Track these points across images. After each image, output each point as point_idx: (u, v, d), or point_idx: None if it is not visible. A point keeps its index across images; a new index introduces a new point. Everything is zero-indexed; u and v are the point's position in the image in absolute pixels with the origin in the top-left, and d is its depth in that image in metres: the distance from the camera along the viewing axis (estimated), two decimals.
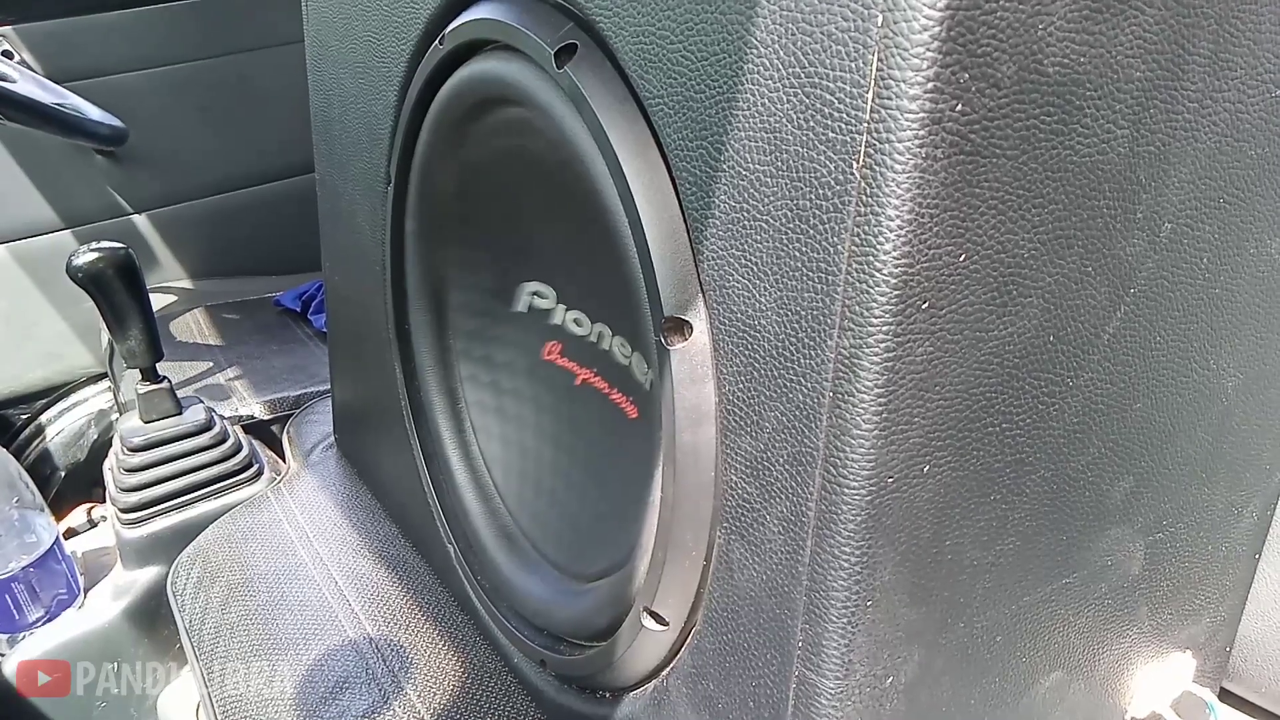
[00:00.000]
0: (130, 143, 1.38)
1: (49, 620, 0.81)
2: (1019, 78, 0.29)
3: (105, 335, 1.42)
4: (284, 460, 0.96)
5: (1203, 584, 0.49)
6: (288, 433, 0.98)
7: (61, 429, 1.46)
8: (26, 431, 1.47)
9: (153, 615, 0.84)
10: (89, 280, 0.81)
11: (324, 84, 0.74)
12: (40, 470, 1.43)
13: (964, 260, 0.30)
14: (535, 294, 0.61)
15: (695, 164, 0.36)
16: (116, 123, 1.04)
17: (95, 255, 0.80)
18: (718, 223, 0.36)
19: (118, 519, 0.84)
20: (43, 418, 1.47)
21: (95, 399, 1.49)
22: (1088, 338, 0.36)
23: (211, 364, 1.16)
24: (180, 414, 0.87)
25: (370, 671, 0.62)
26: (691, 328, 0.38)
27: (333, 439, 0.92)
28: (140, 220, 1.48)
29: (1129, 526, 0.42)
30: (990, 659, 0.40)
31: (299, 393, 1.06)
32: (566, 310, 0.58)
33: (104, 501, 0.95)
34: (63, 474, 1.43)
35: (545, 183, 0.52)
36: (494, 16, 0.47)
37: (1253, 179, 0.38)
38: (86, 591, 0.84)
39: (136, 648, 0.84)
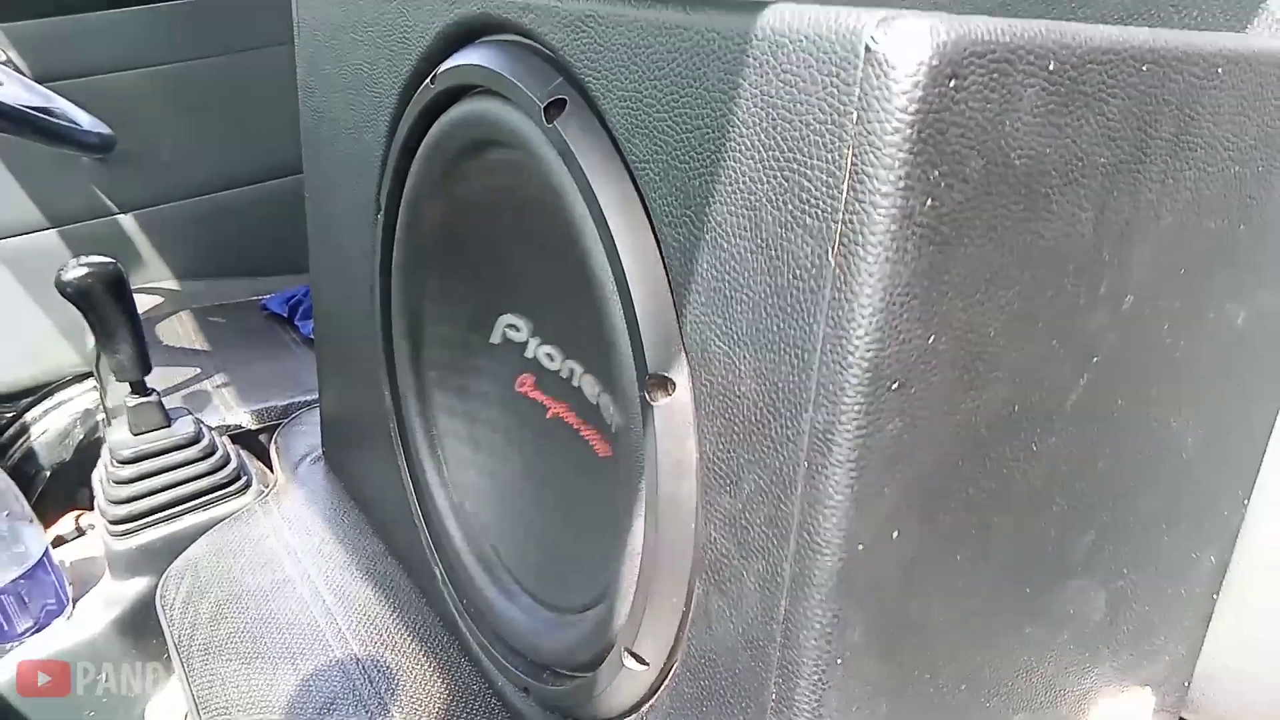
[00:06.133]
0: (117, 143, 1.38)
1: (38, 631, 0.82)
2: (987, 171, 0.30)
3: (91, 337, 1.42)
4: (271, 471, 0.97)
5: (1163, 626, 0.50)
6: (275, 443, 0.99)
7: (46, 429, 1.46)
8: (11, 430, 1.47)
9: (141, 625, 0.85)
10: (78, 295, 0.81)
11: (314, 105, 0.75)
12: (25, 470, 1.43)
13: (933, 342, 0.32)
14: (510, 326, 0.62)
15: (679, 230, 0.38)
16: (105, 130, 1.04)
17: (84, 270, 0.81)
18: (700, 289, 0.37)
19: (107, 530, 0.85)
20: (27, 416, 1.47)
21: (80, 399, 1.49)
22: (1052, 406, 0.37)
23: (198, 370, 1.17)
24: (169, 426, 0.88)
25: (357, 693, 0.63)
26: (674, 384, 0.39)
27: (320, 451, 0.93)
28: (126, 220, 1.48)
29: (1090, 577, 0.44)
30: (955, 706, 0.41)
31: (286, 402, 1.07)
32: (539, 344, 0.59)
33: (90, 506, 0.96)
34: (48, 473, 1.43)
35: (529, 222, 0.53)
36: (486, 65, 0.48)
37: (1213, 250, 0.40)
38: (75, 601, 0.85)
39: (125, 657, 0.85)
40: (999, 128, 0.30)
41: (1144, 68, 0.33)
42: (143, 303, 1.45)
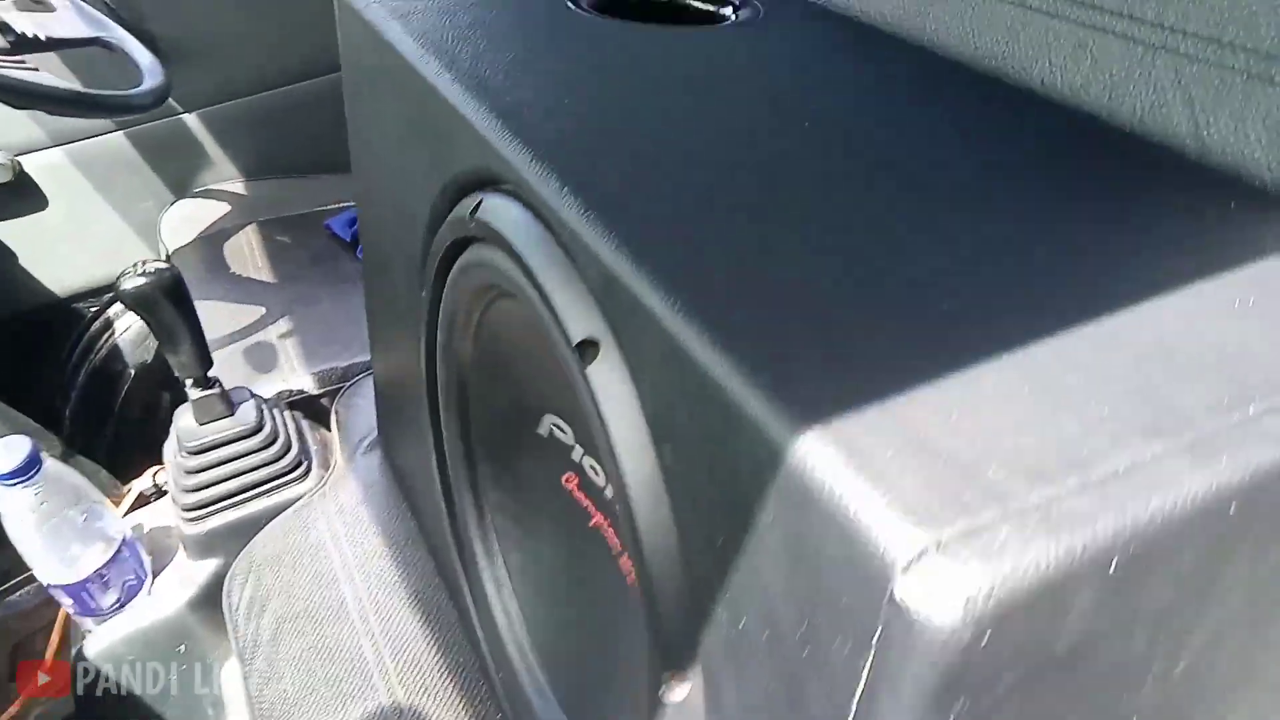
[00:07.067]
0: (178, 40, 1.35)
1: (121, 606, 0.89)
2: (1024, 675, 0.28)
3: (163, 246, 1.45)
4: (330, 432, 1.00)
5: None
6: (335, 415, 1.01)
7: (129, 325, 1.51)
8: (96, 325, 1.52)
9: (213, 603, 0.91)
10: (137, 302, 0.82)
11: (362, 134, 0.72)
12: (112, 367, 1.50)
13: None
14: (556, 426, 0.60)
15: (704, 559, 0.36)
16: (158, 82, 1.00)
17: (144, 280, 0.81)
18: (719, 625, 0.36)
19: (180, 514, 0.90)
20: (110, 312, 1.53)
21: None
22: None
23: (264, 310, 1.18)
24: (233, 415, 0.90)
25: None
26: (688, 681, 0.39)
27: (376, 435, 0.96)
28: (190, 120, 1.46)
29: None
30: None
31: (346, 364, 1.08)
32: (583, 454, 0.58)
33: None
34: (132, 372, 1.50)
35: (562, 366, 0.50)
36: (525, 255, 0.45)
37: (1269, 605, 0.36)
38: (156, 575, 0.92)
39: (201, 628, 0.92)
40: (1041, 642, 0.27)
41: (1232, 506, 0.29)
42: (211, 210, 1.45)
